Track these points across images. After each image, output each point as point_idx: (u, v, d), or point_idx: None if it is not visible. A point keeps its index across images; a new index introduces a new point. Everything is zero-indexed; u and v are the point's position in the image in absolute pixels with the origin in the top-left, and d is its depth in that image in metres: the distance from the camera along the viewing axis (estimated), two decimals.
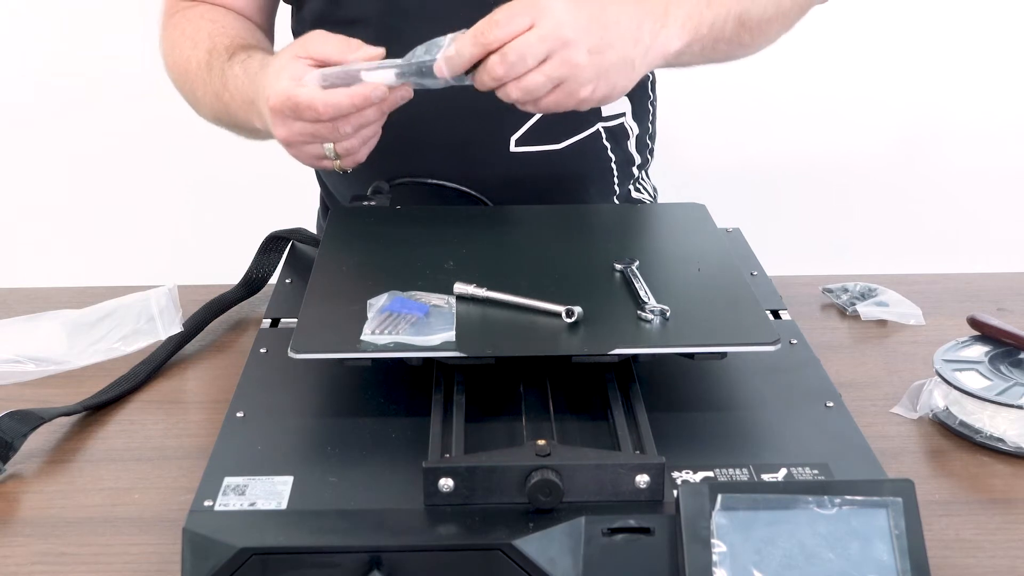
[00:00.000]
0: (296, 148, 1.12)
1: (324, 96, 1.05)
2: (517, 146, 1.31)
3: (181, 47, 1.29)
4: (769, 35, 1.27)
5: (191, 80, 1.27)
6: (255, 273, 1.27)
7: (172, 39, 1.31)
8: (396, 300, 0.93)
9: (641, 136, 1.43)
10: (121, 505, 0.93)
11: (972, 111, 2.37)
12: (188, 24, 1.31)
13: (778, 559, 0.73)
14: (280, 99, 1.07)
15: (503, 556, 0.75)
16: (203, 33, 1.27)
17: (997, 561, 0.85)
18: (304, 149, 1.12)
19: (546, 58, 1.02)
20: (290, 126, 1.09)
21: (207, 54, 1.25)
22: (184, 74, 1.28)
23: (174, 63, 1.30)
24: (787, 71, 2.20)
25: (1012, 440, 0.98)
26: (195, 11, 1.33)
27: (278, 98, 1.07)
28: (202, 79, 1.25)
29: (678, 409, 0.92)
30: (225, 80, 1.20)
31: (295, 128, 1.08)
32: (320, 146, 1.10)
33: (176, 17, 1.33)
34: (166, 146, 2.31)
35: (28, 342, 1.16)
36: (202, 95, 1.26)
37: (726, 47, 1.21)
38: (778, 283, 1.17)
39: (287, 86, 1.06)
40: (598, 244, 1.10)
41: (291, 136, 1.10)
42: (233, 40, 1.25)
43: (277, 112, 1.08)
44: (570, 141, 1.34)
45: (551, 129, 1.32)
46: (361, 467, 0.84)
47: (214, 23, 1.29)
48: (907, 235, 2.39)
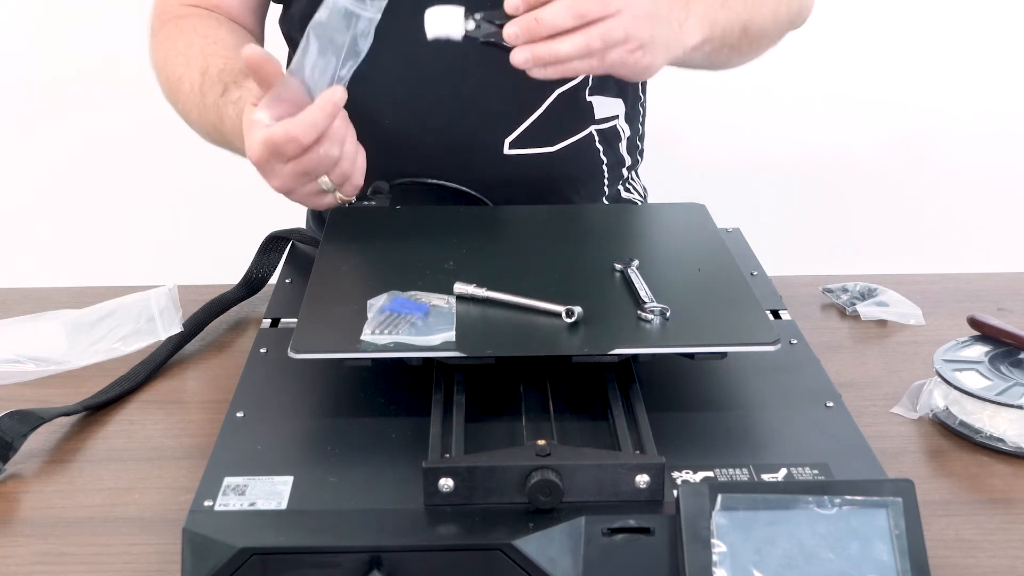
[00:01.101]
0: (295, 194, 1.10)
1: (297, 121, 1.02)
2: (511, 148, 1.31)
3: (173, 63, 1.27)
4: (760, 48, 1.32)
5: (183, 100, 1.25)
6: (255, 273, 1.27)
7: (164, 51, 1.29)
8: (396, 300, 0.93)
9: (632, 138, 1.44)
10: (121, 505, 0.93)
11: (972, 111, 2.37)
12: (181, 37, 1.28)
13: (778, 559, 0.73)
14: (259, 152, 1.04)
15: (503, 556, 0.75)
16: (195, 50, 1.25)
17: (997, 561, 0.85)
18: (302, 191, 1.09)
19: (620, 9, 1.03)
20: (279, 172, 1.06)
21: (200, 76, 1.22)
22: (176, 92, 1.26)
23: (166, 78, 1.29)
24: (787, 71, 2.20)
25: (1012, 440, 0.98)
26: (188, 23, 1.30)
27: (256, 152, 1.04)
28: (196, 103, 1.23)
29: (678, 409, 0.92)
30: (222, 117, 1.18)
31: (285, 171, 1.06)
32: (315, 182, 1.08)
33: (168, 27, 1.31)
34: (166, 146, 2.30)
35: (28, 342, 1.16)
36: (196, 118, 1.24)
37: (727, 53, 1.24)
38: (778, 283, 1.17)
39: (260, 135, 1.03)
40: (598, 244, 1.10)
41: (285, 182, 1.07)
42: (226, 64, 1.22)
43: (262, 164, 1.06)
44: (564, 144, 1.34)
45: (545, 132, 1.32)
46: (361, 467, 0.84)
47: (206, 39, 1.27)
48: (907, 235, 2.39)
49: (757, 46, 1.30)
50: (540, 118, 1.31)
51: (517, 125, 1.31)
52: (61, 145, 2.35)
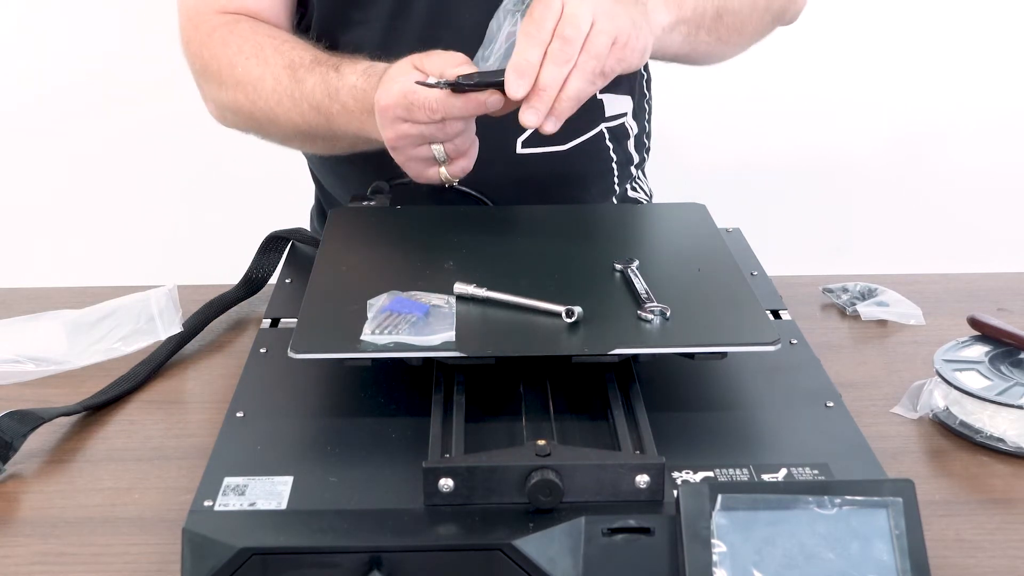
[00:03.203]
0: (402, 152, 1.12)
1: (441, 97, 1.05)
2: (524, 147, 1.32)
3: (245, 66, 1.26)
4: (743, 36, 1.32)
5: (266, 96, 1.24)
6: (255, 273, 1.27)
7: (228, 58, 1.27)
8: (396, 300, 0.93)
9: (639, 135, 1.44)
10: (121, 505, 0.93)
11: (972, 111, 2.37)
12: (244, 42, 1.27)
13: (778, 559, 0.73)
14: (393, 99, 1.07)
15: (503, 556, 0.75)
16: (268, 50, 1.25)
17: (997, 561, 0.85)
18: (411, 153, 1.11)
19: (593, 20, 1.03)
20: (398, 127, 1.09)
21: (288, 70, 1.23)
22: (256, 91, 1.25)
23: (235, 82, 1.26)
24: (787, 70, 2.20)
25: (1012, 440, 0.97)
26: (241, 28, 1.29)
27: (391, 98, 1.07)
28: (287, 94, 1.22)
29: (678, 409, 0.92)
30: (334, 92, 1.18)
31: (402, 129, 1.08)
32: (428, 147, 1.10)
33: (218, 34, 1.29)
34: (166, 146, 2.31)
35: (28, 342, 1.15)
36: (289, 108, 1.23)
37: (707, 38, 1.24)
38: (778, 283, 1.17)
39: (402, 86, 1.06)
40: (598, 244, 1.10)
41: (398, 138, 1.09)
42: (315, 55, 1.23)
43: (386, 112, 1.08)
44: (576, 142, 1.34)
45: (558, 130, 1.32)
46: (361, 467, 0.84)
47: (273, 39, 1.27)
48: (907, 235, 2.39)
49: (738, 35, 1.30)
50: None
51: None
52: (61, 145, 2.35)
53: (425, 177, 1.14)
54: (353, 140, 1.22)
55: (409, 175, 1.15)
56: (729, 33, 1.28)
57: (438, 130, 1.08)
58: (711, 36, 1.25)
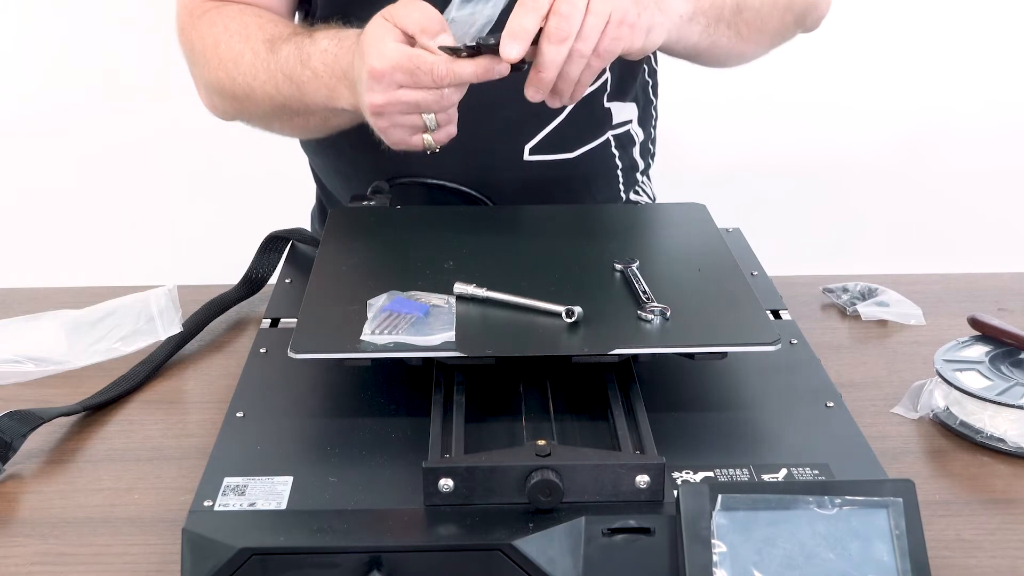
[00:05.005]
0: (388, 119, 1.06)
1: (449, 62, 1.01)
2: (531, 154, 1.31)
3: (228, 43, 1.24)
4: (764, 35, 1.29)
5: (244, 71, 1.22)
6: (255, 273, 1.27)
7: (213, 36, 1.26)
8: (396, 300, 0.93)
9: (644, 142, 1.44)
10: (121, 505, 0.92)
11: (972, 111, 2.37)
12: (231, 20, 1.26)
13: (778, 559, 0.73)
14: (392, 61, 1.01)
15: (503, 556, 0.75)
16: (252, 28, 1.24)
17: (997, 561, 0.85)
18: (398, 119, 1.06)
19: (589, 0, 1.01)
20: (390, 93, 1.03)
21: (266, 43, 1.21)
22: (236, 67, 1.23)
23: (219, 60, 1.25)
24: (788, 71, 2.20)
25: (1012, 440, 0.97)
26: (228, 10, 1.28)
27: (389, 60, 1.02)
28: (263, 66, 1.20)
29: (678, 409, 0.92)
30: (306, 57, 1.15)
31: (395, 95, 1.03)
32: (418, 116, 1.05)
33: (209, 16, 1.29)
34: (166, 146, 2.31)
35: (28, 342, 1.15)
36: (261, 84, 1.21)
37: (727, 32, 1.22)
38: (778, 283, 1.17)
39: (400, 47, 1.02)
40: (598, 244, 1.10)
41: (388, 103, 1.04)
42: (295, 30, 1.21)
43: (381, 76, 1.02)
44: (583, 150, 1.34)
45: (565, 138, 1.32)
46: (361, 467, 0.84)
47: (260, 17, 1.25)
48: (907, 235, 2.39)
49: (759, 32, 1.28)
50: (561, 125, 1.31)
51: (538, 131, 1.31)
52: (61, 146, 2.35)
53: (407, 144, 1.09)
54: (324, 114, 1.19)
55: (387, 142, 1.10)
56: (750, 30, 1.25)
57: (436, 99, 1.03)
58: (731, 31, 1.23)
